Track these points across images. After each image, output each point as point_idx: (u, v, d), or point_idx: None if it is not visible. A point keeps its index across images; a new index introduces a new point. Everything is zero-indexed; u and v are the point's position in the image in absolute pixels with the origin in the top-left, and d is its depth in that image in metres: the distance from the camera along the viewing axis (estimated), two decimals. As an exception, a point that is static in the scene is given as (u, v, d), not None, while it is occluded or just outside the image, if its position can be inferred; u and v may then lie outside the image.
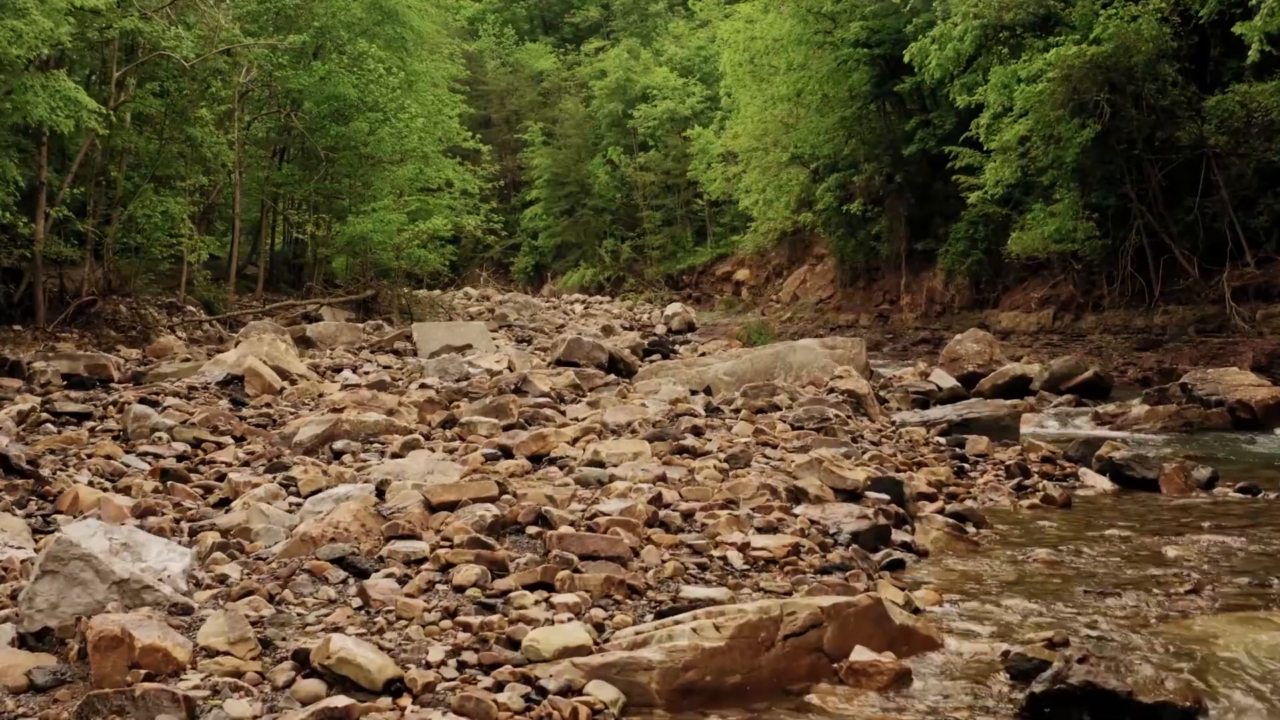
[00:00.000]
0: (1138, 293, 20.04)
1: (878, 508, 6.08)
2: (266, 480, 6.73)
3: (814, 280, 36.95)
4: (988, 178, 20.07)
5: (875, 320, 27.16)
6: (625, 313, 40.59)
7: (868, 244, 27.63)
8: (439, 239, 32.91)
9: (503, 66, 51.05)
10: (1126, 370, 18.35)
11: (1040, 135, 18.24)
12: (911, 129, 24.59)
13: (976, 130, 20.65)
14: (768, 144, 28.79)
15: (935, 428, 10.26)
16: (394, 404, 10.23)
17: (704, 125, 40.92)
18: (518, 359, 15.50)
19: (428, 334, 18.78)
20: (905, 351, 24.61)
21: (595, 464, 6.65)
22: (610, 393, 12.89)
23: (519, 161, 48.83)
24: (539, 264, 49.09)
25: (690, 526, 5.35)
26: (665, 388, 14.27)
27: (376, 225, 26.57)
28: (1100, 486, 8.22)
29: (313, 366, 15.24)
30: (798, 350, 14.65)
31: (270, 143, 28.62)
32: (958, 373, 15.79)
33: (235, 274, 26.60)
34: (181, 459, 8.71)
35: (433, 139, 31.18)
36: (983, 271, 23.86)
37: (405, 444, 7.76)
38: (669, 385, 14.26)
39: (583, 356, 15.10)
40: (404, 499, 5.36)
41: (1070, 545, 6.36)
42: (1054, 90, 17.63)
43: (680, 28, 48.94)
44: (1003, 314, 23.36)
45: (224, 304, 25.52)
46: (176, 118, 21.69)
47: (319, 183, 28.10)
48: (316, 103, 27.24)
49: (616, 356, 15.37)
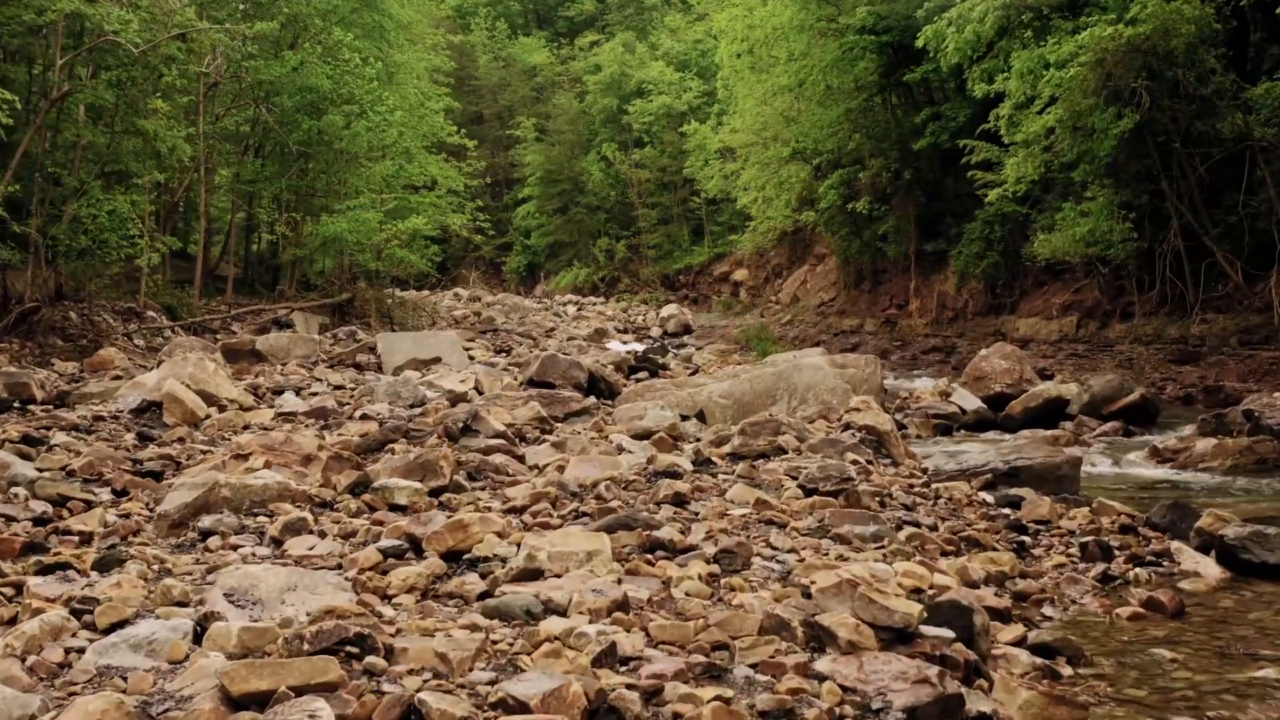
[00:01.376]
0: (1173, 299, 17.98)
1: (939, 652, 4.04)
2: (69, 593, 4.67)
3: (815, 281, 34.88)
4: (1008, 174, 18.01)
5: (882, 326, 25.07)
6: (619, 314, 38.54)
7: (873, 245, 25.55)
8: (425, 239, 30.99)
9: (495, 61, 48.93)
10: (1165, 387, 16.26)
11: (1069, 127, 16.15)
12: (922, 122, 22.50)
13: (995, 123, 18.60)
14: (767, 139, 26.70)
15: (977, 478, 8.19)
16: (313, 448, 8.17)
17: (701, 121, 38.87)
18: (486, 378, 13.43)
19: (393, 346, 16.71)
20: (915, 360, 22.53)
21: (530, 574, 4.60)
22: (584, 424, 10.82)
23: (511, 158, 46.71)
24: (532, 264, 46.99)
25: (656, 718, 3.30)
26: (651, 413, 12.22)
27: (352, 225, 24.48)
28: (1207, 575, 6.16)
29: (252, 388, 13.16)
30: (803, 369, 12.57)
31: (241, 138, 26.51)
32: (983, 393, 13.74)
33: (202, 276, 24.53)
34: (41, 522, 6.72)
35: (415, 134, 29.14)
36: (999, 275, 21.79)
37: (287, 525, 5.71)
38: (655, 411, 12.20)
39: (558, 376, 13.03)
40: (196, 680, 3.32)
41: (1213, 695, 4.32)
42: (1086, 76, 15.54)
43: (677, 21, 46.83)
44: (1020, 321, 21.30)
45: (188, 309, 23.49)
46: (127, 109, 19.60)
47: (292, 180, 26.03)
48: (289, 95, 25.15)
49: (597, 376, 13.30)
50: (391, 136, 26.32)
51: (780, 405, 12.55)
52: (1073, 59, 15.57)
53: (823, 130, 24.56)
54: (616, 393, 13.35)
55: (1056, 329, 20.36)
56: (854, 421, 9.43)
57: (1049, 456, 8.23)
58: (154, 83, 20.37)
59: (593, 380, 13.24)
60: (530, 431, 9.56)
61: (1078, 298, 20.29)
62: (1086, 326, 19.87)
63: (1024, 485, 8.00)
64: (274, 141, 26.44)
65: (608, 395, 13.33)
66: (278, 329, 24.30)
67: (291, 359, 15.76)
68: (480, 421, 8.75)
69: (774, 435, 8.95)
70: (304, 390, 13.44)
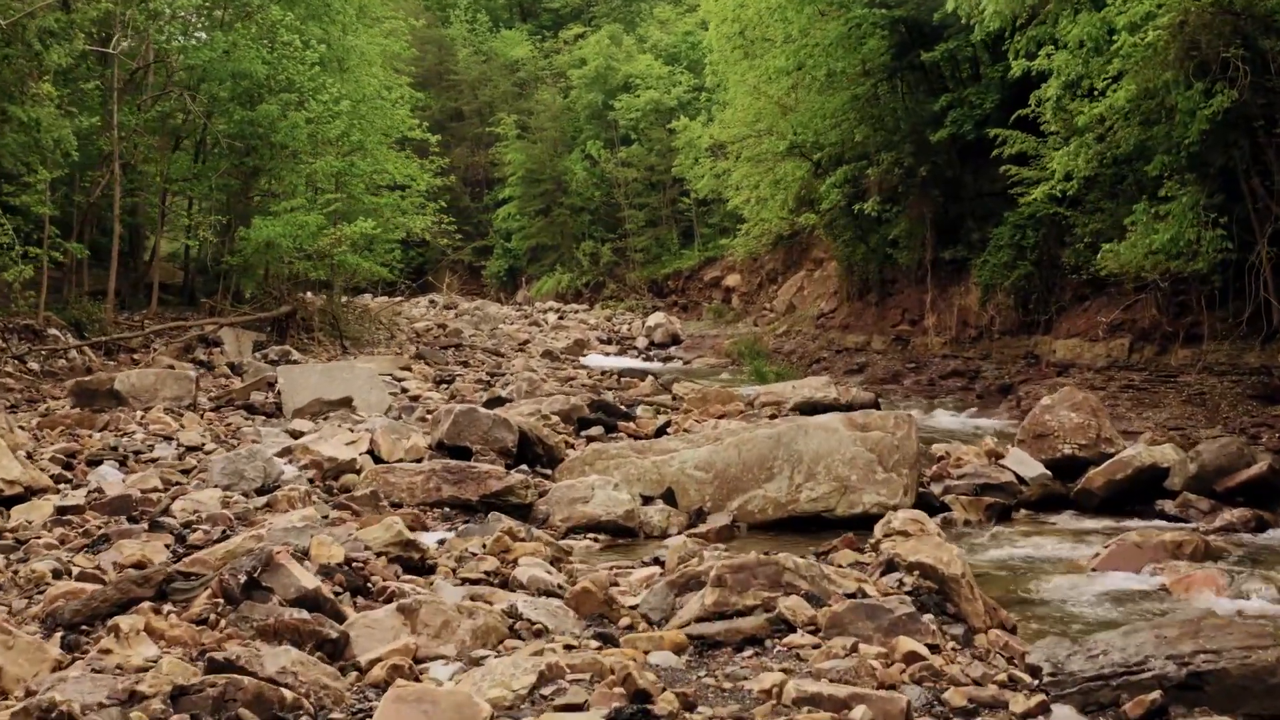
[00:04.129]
0: (1250, 320, 14.28)
1: None
2: None
3: (813, 288, 31.11)
4: (1055, 168, 14.28)
5: (891, 344, 21.30)
6: (603, 323, 34.78)
7: (882, 251, 21.77)
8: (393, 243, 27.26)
9: (475, 55, 45.03)
10: (1258, 434, 12.52)
11: (1136, 109, 12.42)
12: (940, 109, 18.72)
13: (1037, 108, 14.89)
14: (760, 131, 22.91)
15: (1128, 689, 4.48)
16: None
17: (691, 117, 35.06)
18: (385, 438, 9.69)
19: (296, 382, 12.96)
20: (933, 386, 18.79)
21: None
22: (485, 536, 7.09)
23: (491, 157, 42.86)
24: (513, 268, 43.13)
25: None
26: (600, 495, 8.57)
27: (287, 229, 20.75)
28: None
29: (65, 454, 9.43)
30: (811, 434, 8.86)
31: (171, 130, 22.73)
32: (1047, 455, 10.02)
33: (115, 287, 20.79)
34: None
35: (374, 128, 25.38)
36: (1031, 287, 18.03)
37: None
38: (606, 491, 8.55)
39: (477, 438, 9.30)
40: None
41: None
42: (1166, 42, 11.81)
43: (666, 12, 42.97)
44: (1058, 342, 17.56)
45: (100, 325, 19.76)
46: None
47: (222, 179, 22.27)
48: (218, 82, 21.40)
49: (532, 437, 9.55)
50: (338, 129, 22.58)
51: (778, 481, 8.88)
52: (1148, 21, 11.83)
53: (824, 121, 20.75)
54: (557, 459, 9.64)
55: (1103, 353, 16.63)
56: (899, 555, 5.70)
57: (1252, 656, 4.51)
58: (34, 64, 16.63)
59: (525, 444, 9.51)
60: (382, 572, 5.82)
61: (1129, 316, 16.55)
62: (1141, 351, 16.15)
63: (1211, 711, 4.32)
64: (209, 135, 22.67)
65: (546, 463, 9.63)
66: (204, 348, 20.65)
67: (159, 401, 12.00)
68: (275, 574, 5.01)
69: (771, 589, 5.24)
70: (140, 455, 9.70)
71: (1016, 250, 17.90)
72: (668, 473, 9.00)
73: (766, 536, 8.60)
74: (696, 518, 8.68)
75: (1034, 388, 16.83)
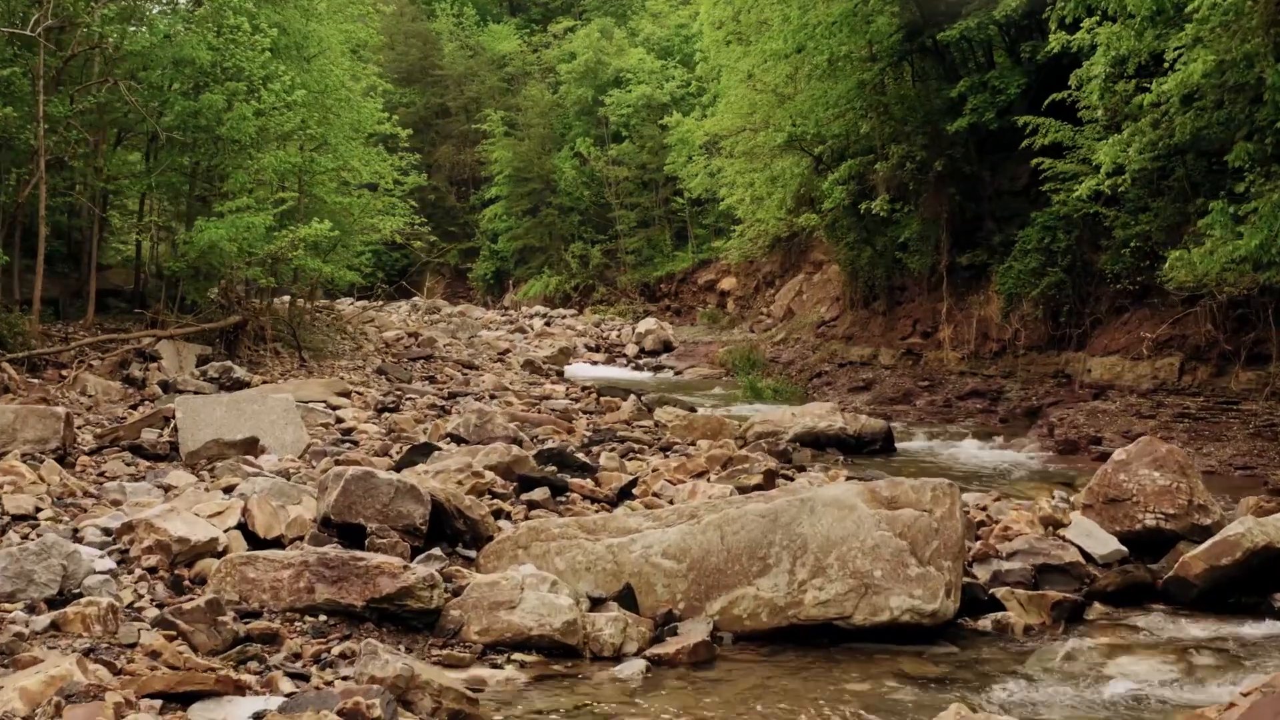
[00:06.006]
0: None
1: None
2: None
3: (812, 293, 28.68)
4: (1102, 159, 11.84)
5: (902, 358, 18.84)
6: (592, 329, 32.36)
7: (890, 255, 19.30)
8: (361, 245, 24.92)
9: (462, 49, 42.54)
10: (1352, 481, 10.13)
11: (1221, 85, 9.99)
12: (958, 96, 16.28)
13: (1078, 90, 12.48)
14: (756, 123, 20.44)
15: None
16: None
17: (684, 112, 32.60)
18: (261, 509, 7.23)
19: (197, 418, 10.51)
20: (949, 407, 16.37)
21: None
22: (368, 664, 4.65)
23: (478, 155, 40.40)
24: (500, 270, 40.65)
25: None
26: (531, 598, 6.21)
27: (232, 231, 18.30)
28: None
29: None
30: (820, 512, 6.43)
31: (106, 124, 20.24)
32: (1124, 526, 7.58)
33: (45, 295, 18.32)
34: None
35: (340, 121, 22.95)
36: (1063, 297, 15.59)
37: None
38: (539, 592, 6.17)
39: (374, 513, 6.85)
40: None
41: None
42: (1252, 7, 9.38)
43: (659, 4, 40.50)
44: (1094, 360, 15.13)
45: (23, 338, 17.30)
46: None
47: (164, 176, 19.81)
48: (159, 69, 18.94)
49: (450, 509, 7.09)
50: (292, 122, 20.13)
51: (775, 576, 6.49)
52: (1228, -22, 9.40)
53: (826, 111, 18.25)
54: (484, 536, 7.21)
55: (1148, 373, 14.19)
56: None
57: None
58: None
59: (440, 518, 7.07)
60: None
61: (1178, 331, 14.12)
62: (1194, 372, 13.72)
63: None
64: (157, 129, 20.21)
65: (469, 541, 7.19)
66: (142, 363, 18.23)
67: (16, 446, 9.54)
68: None
69: None
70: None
71: (1046, 255, 15.46)
72: (627, 561, 6.57)
73: (759, 654, 6.21)
74: (664, 626, 6.27)
75: (1066, 411, 14.47)
